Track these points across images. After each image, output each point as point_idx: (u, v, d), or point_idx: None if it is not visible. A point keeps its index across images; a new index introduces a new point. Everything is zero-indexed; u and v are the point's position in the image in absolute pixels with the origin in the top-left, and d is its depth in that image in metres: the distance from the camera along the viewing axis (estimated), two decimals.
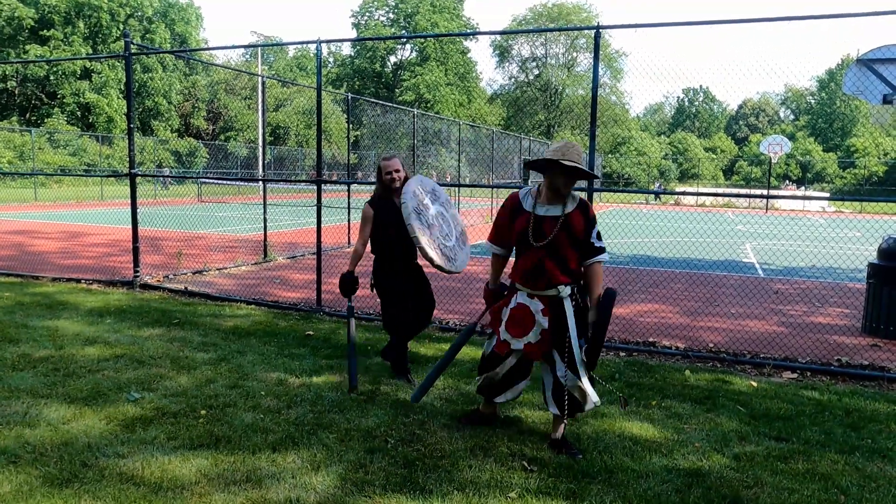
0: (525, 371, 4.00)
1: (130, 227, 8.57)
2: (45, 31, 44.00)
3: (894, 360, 5.85)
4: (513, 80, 68.01)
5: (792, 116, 79.10)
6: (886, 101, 7.82)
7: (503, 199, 4.05)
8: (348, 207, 14.29)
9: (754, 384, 5.11)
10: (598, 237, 3.78)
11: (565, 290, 3.71)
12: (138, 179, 8.71)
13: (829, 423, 4.32)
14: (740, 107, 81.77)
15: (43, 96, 44.74)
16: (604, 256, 3.77)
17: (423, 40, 60.94)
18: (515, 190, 3.98)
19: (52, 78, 43.45)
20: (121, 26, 46.55)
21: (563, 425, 3.85)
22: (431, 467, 3.54)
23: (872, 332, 6.81)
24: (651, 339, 6.35)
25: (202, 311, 7.11)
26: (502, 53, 66.52)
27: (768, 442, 3.99)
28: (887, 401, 4.79)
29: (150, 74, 46.70)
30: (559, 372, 3.77)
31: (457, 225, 5.21)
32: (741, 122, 79.55)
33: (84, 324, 6.38)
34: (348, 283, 4.95)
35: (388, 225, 4.88)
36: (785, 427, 4.22)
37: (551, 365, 3.82)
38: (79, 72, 44.07)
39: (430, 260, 4.67)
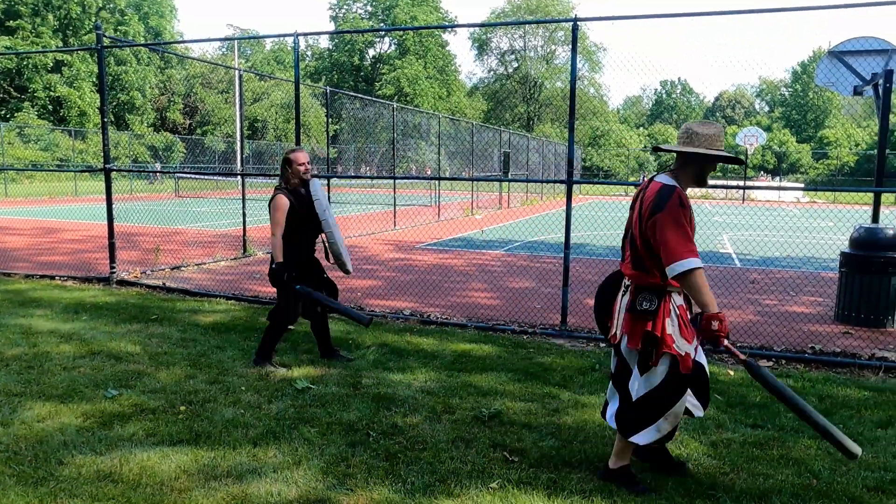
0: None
1: (106, 222, 8.45)
2: (11, 21, 43.04)
3: (865, 346, 5.98)
4: (492, 72, 68.03)
5: (767, 108, 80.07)
6: (857, 92, 7.95)
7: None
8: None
9: (731, 373, 5.18)
10: None
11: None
12: (113, 174, 8.59)
13: None
14: (717, 99, 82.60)
15: (11, 90, 43.82)
16: None
17: (402, 34, 60.68)
18: (674, 185, 3.16)
19: (22, 71, 42.56)
20: (92, 18, 45.70)
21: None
22: (413, 459, 3.55)
23: (844, 319, 6.94)
24: None
25: (181, 307, 7.04)
26: (481, 46, 66.46)
27: (744, 429, 4.06)
28: (858, 387, 4.89)
29: (123, 67, 45.90)
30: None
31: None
32: (718, 114, 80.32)
33: (59, 321, 6.29)
34: (281, 275, 4.88)
35: (300, 216, 4.92)
36: (760, 414, 4.29)
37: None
38: (50, 64, 43.20)
39: (339, 255, 4.84)
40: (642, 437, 3.20)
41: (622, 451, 3.31)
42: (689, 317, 3.20)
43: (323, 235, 5.03)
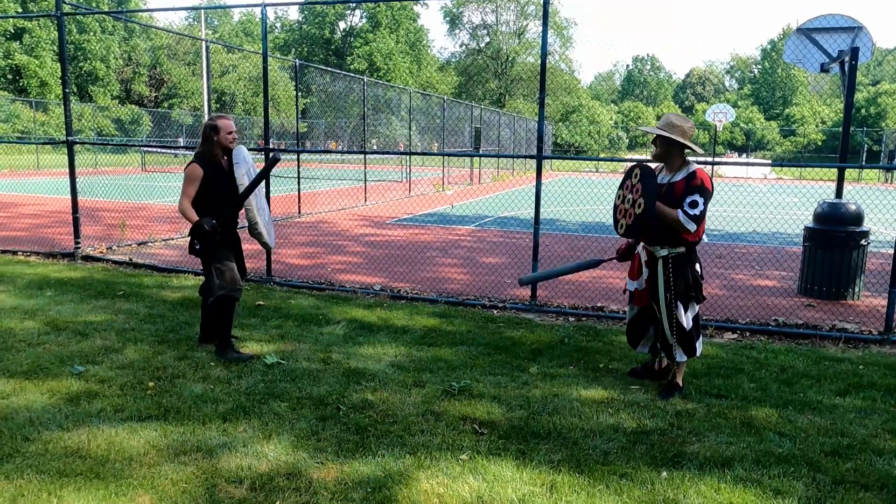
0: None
1: (70, 197, 8.26)
2: None
3: (826, 318, 6.14)
4: (464, 47, 67.51)
5: (737, 85, 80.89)
6: (823, 69, 8.05)
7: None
8: (298, 177, 14.07)
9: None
10: (692, 206, 3.95)
11: (662, 251, 4.13)
12: (77, 148, 8.37)
13: (765, 379, 4.52)
14: (687, 76, 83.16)
15: None
16: (685, 220, 3.96)
17: (373, 6, 59.73)
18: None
19: None
20: None
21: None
22: (383, 433, 3.58)
23: (807, 292, 7.12)
24: (599, 304, 6.50)
25: (148, 283, 6.94)
26: (453, 21, 65.82)
27: (709, 399, 4.16)
28: (819, 357, 5.04)
29: (86, 36, 44.54)
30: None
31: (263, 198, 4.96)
32: (688, 91, 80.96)
33: (22, 297, 6.16)
34: (203, 227, 4.43)
35: (218, 186, 4.51)
36: (724, 385, 4.39)
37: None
38: (10, 32, 41.72)
39: (254, 223, 4.49)
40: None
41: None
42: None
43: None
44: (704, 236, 12.00)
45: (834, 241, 6.84)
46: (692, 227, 3.95)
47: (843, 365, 4.87)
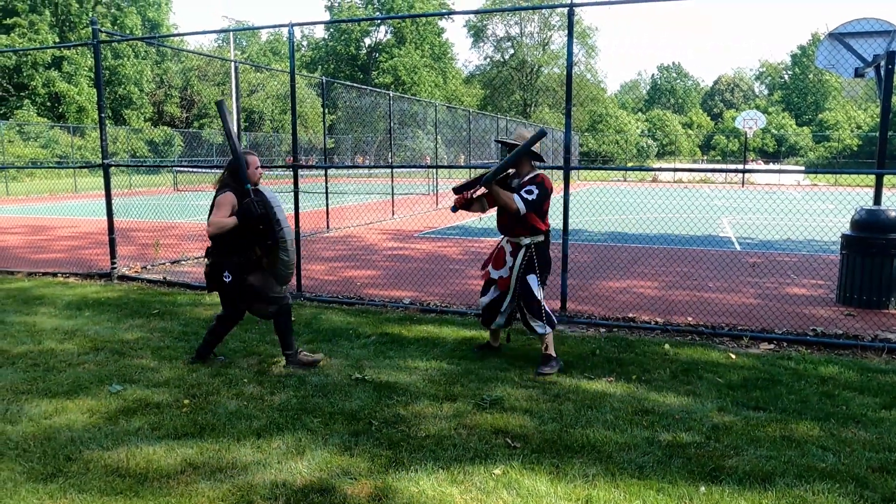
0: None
1: (106, 218, 8.45)
2: (8, 19, 42.82)
3: (868, 328, 5.98)
4: (488, 59, 67.71)
5: (766, 91, 79.74)
6: (858, 74, 7.91)
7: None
8: (326, 192, 14.21)
9: (732, 356, 5.20)
10: (528, 193, 4.73)
11: (525, 240, 4.87)
12: (112, 170, 8.58)
13: (805, 391, 4.41)
14: (715, 82, 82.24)
15: (11, 87, 43.67)
16: (518, 199, 4.71)
17: (398, 22, 60.34)
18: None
19: (21, 68, 42.38)
20: (90, 13, 45.43)
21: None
22: (416, 447, 3.57)
23: (847, 301, 6.95)
24: (630, 315, 6.43)
25: (182, 301, 7.06)
26: (477, 34, 66.11)
27: (746, 412, 4.08)
28: (861, 368, 4.91)
29: (121, 61, 45.72)
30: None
31: None
32: (716, 98, 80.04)
33: (62, 318, 6.31)
34: (255, 211, 4.54)
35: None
36: (762, 397, 4.30)
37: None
38: (49, 61, 43.02)
39: (287, 262, 4.65)
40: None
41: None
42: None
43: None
44: (737, 244, 11.80)
45: (873, 248, 6.67)
46: (522, 206, 4.69)
47: (888, 377, 4.73)
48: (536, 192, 4.74)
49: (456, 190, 4.95)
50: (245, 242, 4.67)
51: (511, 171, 4.91)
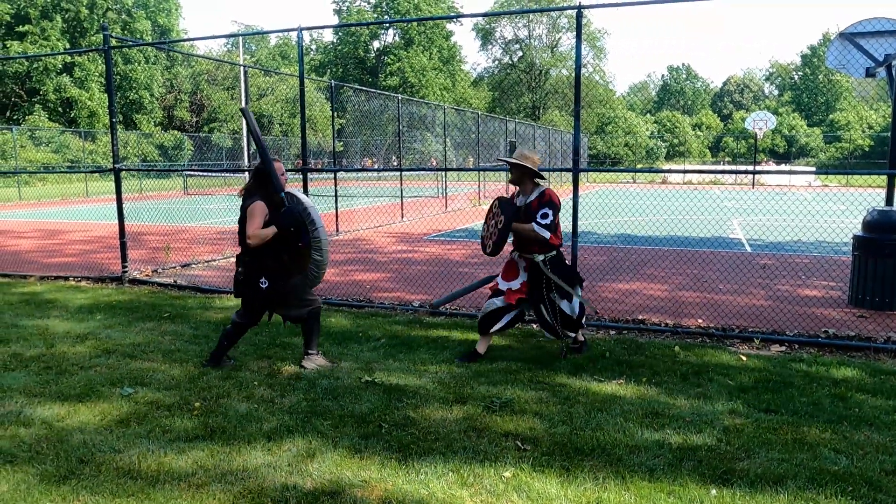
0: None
1: (117, 222, 8.51)
2: (21, 26, 43.23)
3: (881, 330, 5.94)
4: (496, 62, 67.75)
5: (777, 92, 79.32)
6: (869, 74, 7.85)
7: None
8: (335, 195, 14.25)
9: (743, 358, 5.17)
10: (544, 217, 4.87)
11: (539, 257, 4.99)
12: (123, 174, 8.64)
13: (817, 393, 4.38)
14: (725, 83, 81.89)
15: (23, 93, 44.08)
16: (539, 229, 4.86)
17: (406, 25, 60.49)
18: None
19: (32, 74, 42.78)
20: (100, 19, 45.80)
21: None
22: (426, 450, 3.57)
23: (859, 303, 6.89)
24: (640, 317, 6.41)
25: (192, 304, 7.09)
26: (485, 37, 66.19)
27: (758, 414, 4.05)
28: (874, 370, 4.87)
29: (131, 66, 46.04)
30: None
31: None
32: (726, 99, 79.71)
33: (74, 321, 6.35)
34: (298, 217, 4.65)
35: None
36: (774, 399, 4.28)
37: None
38: (60, 66, 43.40)
39: (321, 263, 4.72)
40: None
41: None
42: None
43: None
44: (748, 246, 11.74)
45: (886, 249, 6.61)
46: (545, 234, 4.86)
47: None
48: (551, 214, 4.90)
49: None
50: (278, 248, 4.73)
51: (516, 189, 5.11)
